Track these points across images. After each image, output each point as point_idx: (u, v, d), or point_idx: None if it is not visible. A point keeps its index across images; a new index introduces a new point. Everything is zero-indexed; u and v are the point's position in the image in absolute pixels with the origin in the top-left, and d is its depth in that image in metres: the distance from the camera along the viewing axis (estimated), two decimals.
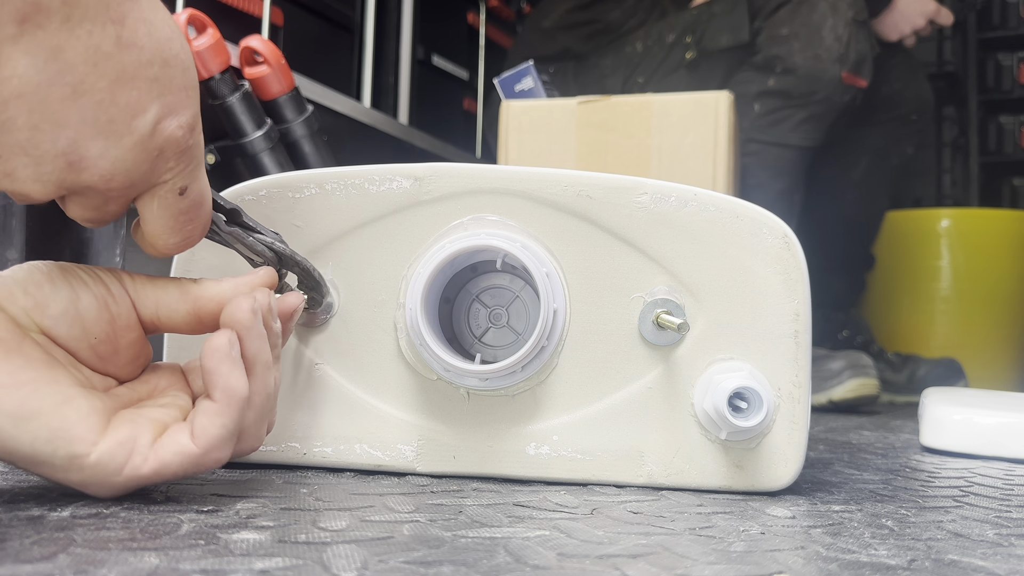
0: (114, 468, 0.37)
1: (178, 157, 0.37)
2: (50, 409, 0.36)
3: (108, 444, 0.37)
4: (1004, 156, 2.42)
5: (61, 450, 0.36)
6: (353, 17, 1.50)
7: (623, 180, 0.50)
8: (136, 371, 0.42)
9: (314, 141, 1.00)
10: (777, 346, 0.49)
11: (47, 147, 0.33)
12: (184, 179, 0.38)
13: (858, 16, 1.23)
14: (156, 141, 0.36)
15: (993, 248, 1.73)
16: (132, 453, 0.37)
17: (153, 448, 0.38)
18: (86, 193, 0.36)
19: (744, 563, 0.33)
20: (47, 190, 0.35)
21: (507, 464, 0.50)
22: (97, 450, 0.36)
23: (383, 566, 0.30)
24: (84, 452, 0.36)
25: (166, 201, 0.38)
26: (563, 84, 1.37)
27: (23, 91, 0.32)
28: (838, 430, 0.92)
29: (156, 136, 0.36)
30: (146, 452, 0.37)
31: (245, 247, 0.44)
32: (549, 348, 0.49)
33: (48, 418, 0.36)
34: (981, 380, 1.60)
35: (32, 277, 0.38)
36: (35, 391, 0.36)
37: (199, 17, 0.88)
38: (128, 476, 0.37)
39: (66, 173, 0.34)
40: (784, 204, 1.24)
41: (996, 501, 0.50)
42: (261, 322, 0.40)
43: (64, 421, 0.36)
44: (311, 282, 0.48)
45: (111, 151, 0.34)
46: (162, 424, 0.39)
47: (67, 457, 0.36)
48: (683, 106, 1.03)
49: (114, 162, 0.35)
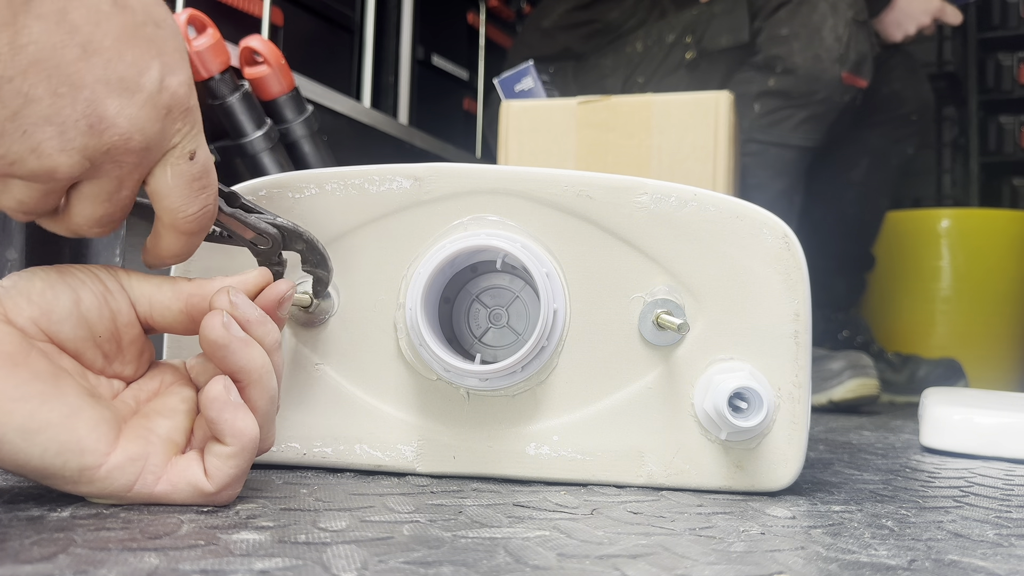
0: (124, 484, 0.37)
1: (184, 117, 0.37)
2: (59, 421, 0.36)
3: (119, 459, 0.37)
4: (1004, 156, 2.42)
5: (72, 463, 0.36)
6: (353, 17, 1.50)
7: (623, 180, 0.50)
8: (141, 369, 0.42)
9: (314, 141, 1.00)
10: (777, 346, 0.49)
11: (68, 111, 0.34)
12: (192, 142, 0.38)
13: (858, 16, 1.23)
14: (163, 98, 0.36)
15: (993, 248, 1.73)
16: (143, 471, 0.38)
17: (167, 470, 0.38)
18: (103, 167, 0.36)
19: (744, 563, 0.33)
20: (72, 160, 0.34)
21: (507, 464, 0.50)
22: (108, 463, 0.37)
23: (383, 566, 0.30)
24: (95, 464, 0.37)
25: (179, 168, 0.38)
26: (563, 84, 1.37)
27: (39, 56, 0.33)
28: (838, 430, 0.92)
29: (163, 92, 0.36)
30: (158, 472, 0.38)
31: (248, 227, 0.44)
32: (549, 348, 0.49)
33: (57, 431, 0.36)
34: (981, 380, 1.60)
35: (33, 285, 0.38)
36: (43, 403, 0.36)
37: (199, 17, 0.88)
38: (137, 492, 0.38)
39: (89, 137, 0.34)
40: (784, 204, 1.24)
41: (996, 501, 0.50)
42: (239, 329, 0.40)
43: (73, 433, 0.36)
44: (316, 258, 0.47)
45: (127, 108, 0.35)
46: (173, 443, 0.40)
47: (78, 470, 0.36)
48: (683, 106, 1.03)
49: (131, 119, 0.35)
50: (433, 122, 1.65)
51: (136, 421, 0.40)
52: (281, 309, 0.44)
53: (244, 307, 0.41)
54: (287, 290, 0.44)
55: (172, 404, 0.41)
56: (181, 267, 0.51)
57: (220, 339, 0.39)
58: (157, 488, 0.38)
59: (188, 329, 0.42)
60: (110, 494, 0.37)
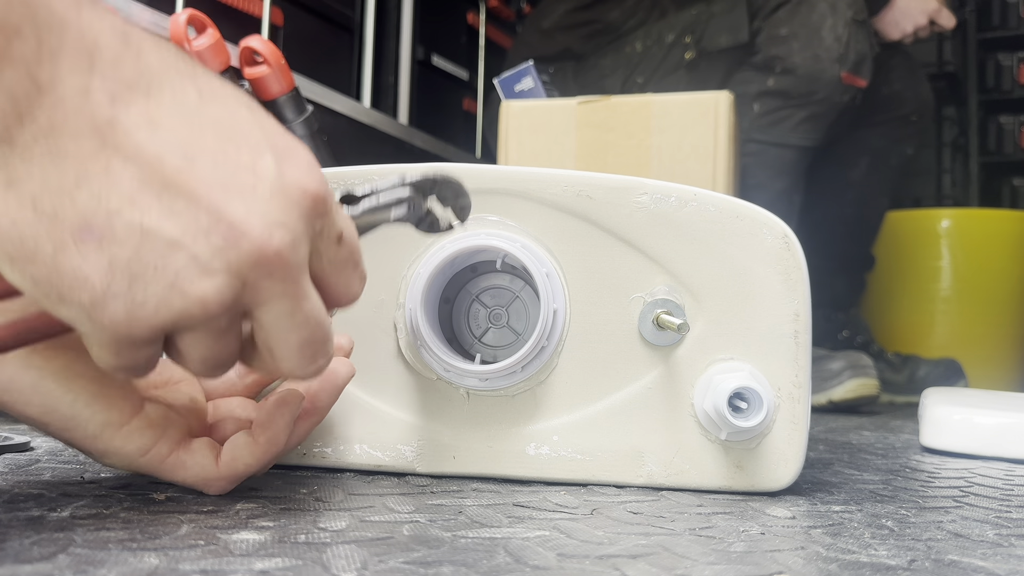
0: (140, 446, 0.38)
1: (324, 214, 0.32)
2: (95, 374, 0.37)
3: (141, 422, 0.38)
4: (1004, 156, 2.43)
5: (99, 415, 0.37)
6: (353, 17, 1.50)
7: (623, 180, 0.50)
8: None
9: (314, 141, 0.99)
10: (777, 346, 0.49)
11: (190, 226, 0.29)
12: (334, 225, 0.33)
13: (857, 16, 1.23)
14: (289, 189, 0.31)
15: (993, 248, 1.73)
16: (159, 440, 0.39)
17: (180, 446, 0.40)
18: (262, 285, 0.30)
19: (744, 563, 0.33)
20: (218, 282, 0.29)
21: (507, 464, 0.50)
22: (131, 424, 0.38)
23: (383, 566, 0.30)
24: (119, 421, 0.38)
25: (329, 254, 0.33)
26: (563, 84, 1.37)
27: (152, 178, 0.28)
28: (838, 430, 0.92)
29: (286, 180, 0.31)
30: (172, 445, 0.39)
31: (383, 209, 0.38)
32: (549, 348, 0.49)
33: (91, 381, 0.37)
34: (981, 380, 1.60)
35: None
36: (80, 356, 0.37)
37: (199, 17, 0.88)
38: (148, 460, 0.39)
39: (227, 249, 0.29)
40: (784, 204, 1.24)
41: (996, 501, 0.50)
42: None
43: (106, 387, 0.37)
44: (451, 190, 0.40)
45: (253, 205, 0.29)
46: (188, 428, 0.41)
47: (102, 424, 0.37)
48: (683, 106, 1.03)
49: (263, 216, 0.30)
50: (433, 122, 1.65)
51: (161, 394, 0.41)
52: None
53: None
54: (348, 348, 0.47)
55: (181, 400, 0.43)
56: None
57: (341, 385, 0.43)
58: (168, 460, 0.39)
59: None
60: (123, 456, 0.38)
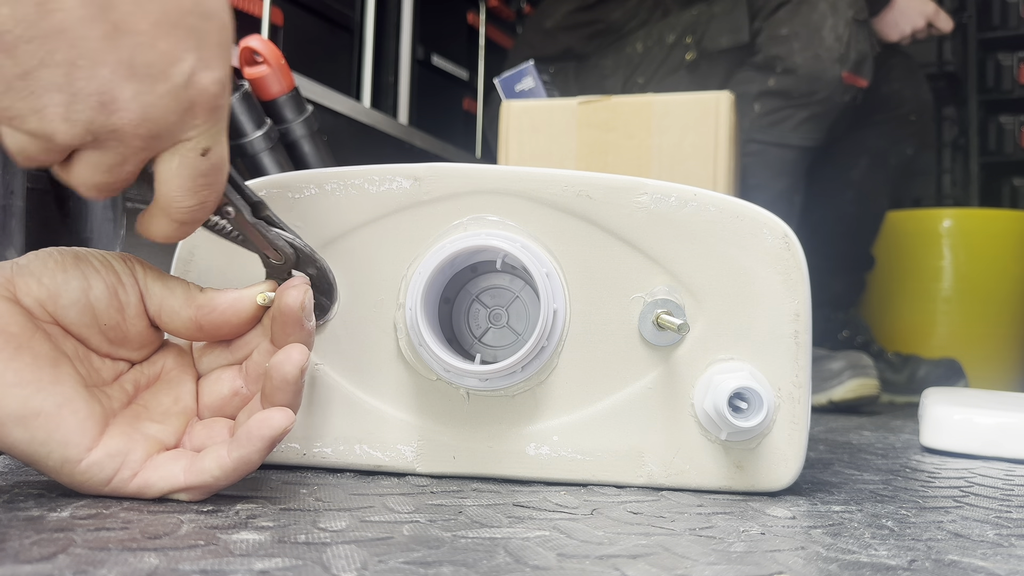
0: (102, 478, 0.38)
1: (207, 114, 0.36)
2: (51, 410, 0.37)
3: (99, 454, 0.38)
4: (1004, 156, 2.42)
5: (55, 453, 0.37)
6: (353, 17, 1.50)
7: (623, 180, 0.50)
8: (146, 355, 0.43)
9: (314, 141, 0.99)
10: (777, 346, 0.49)
11: (82, 84, 0.33)
12: (209, 139, 0.37)
13: (858, 16, 1.23)
14: (189, 93, 0.35)
15: (993, 248, 1.73)
16: (121, 467, 0.39)
17: (145, 467, 0.39)
18: (107, 143, 0.35)
19: (744, 563, 0.33)
20: (74, 131, 0.34)
21: (507, 464, 0.50)
22: (89, 458, 0.38)
23: (383, 566, 0.30)
24: (76, 458, 0.37)
25: (187, 160, 0.37)
26: (563, 84, 1.37)
27: (66, 25, 0.32)
28: (838, 430, 0.92)
29: (190, 87, 0.35)
30: (136, 467, 0.39)
31: (265, 241, 0.44)
32: (549, 348, 0.49)
33: (46, 420, 0.37)
34: (981, 380, 1.60)
35: (46, 266, 0.39)
36: (39, 391, 0.37)
37: None
38: (114, 487, 0.39)
39: (96, 113, 0.34)
40: (784, 204, 1.24)
41: (996, 501, 0.50)
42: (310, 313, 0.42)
43: (61, 424, 0.37)
44: (324, 285, 0.48)
45: (144, 95, 0.34)
46: (157, 441, 0.40)
47: (60, 461, 0.37)
48: (683, 106, 1.03)
49: (146, 107, 0.34)
50: (433, 122, 1.65)
51: (125, 414, 0.40)
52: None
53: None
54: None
55: (165, 405, 0.42)
56: (180, 267, 0.51)
57: (306, 306, 0.41)
58: (131, 484, 0.39)
59: (193, 336, 0.42)
60: (89, 486, 0.38)
